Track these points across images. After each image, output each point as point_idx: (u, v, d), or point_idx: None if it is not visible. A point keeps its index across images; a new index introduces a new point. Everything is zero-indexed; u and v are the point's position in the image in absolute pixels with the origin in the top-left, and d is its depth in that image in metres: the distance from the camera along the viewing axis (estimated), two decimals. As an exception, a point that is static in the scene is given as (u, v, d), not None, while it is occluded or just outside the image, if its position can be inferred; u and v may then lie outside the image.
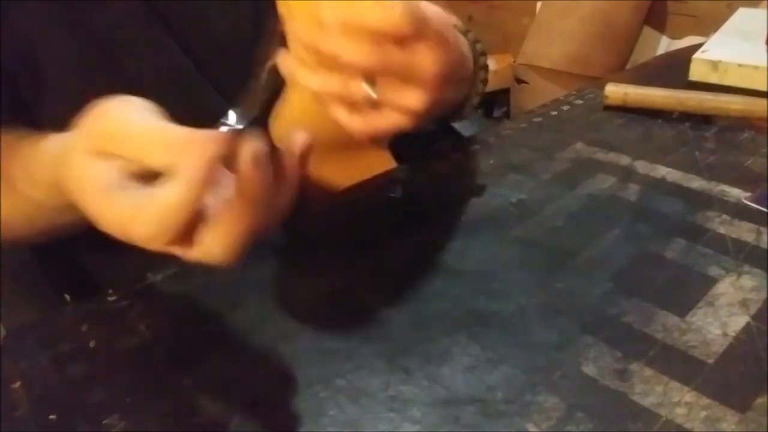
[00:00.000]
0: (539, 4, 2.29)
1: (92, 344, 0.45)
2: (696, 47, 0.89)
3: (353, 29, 0.36)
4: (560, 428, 0.37)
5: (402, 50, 0.38)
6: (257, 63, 0.52)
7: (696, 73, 0.85)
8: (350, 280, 0.51)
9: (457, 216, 0.59)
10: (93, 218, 0.36)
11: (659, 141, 0.71)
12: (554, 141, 0.71)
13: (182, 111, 0.60)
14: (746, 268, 0.50)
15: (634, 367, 0.41)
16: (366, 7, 0.36)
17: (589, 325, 0.45)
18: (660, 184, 0.62)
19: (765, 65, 0.81)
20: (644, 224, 0.56)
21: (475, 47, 0.56)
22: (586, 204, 0.59)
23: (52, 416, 0.40)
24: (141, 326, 0.47)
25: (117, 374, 0.43)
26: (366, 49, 0.36)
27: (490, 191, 0.62)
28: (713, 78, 0.84)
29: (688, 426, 0.37)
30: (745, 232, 0.54)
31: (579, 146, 0.70)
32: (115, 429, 0.39)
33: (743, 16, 1.00)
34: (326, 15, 0.36)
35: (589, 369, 0.41)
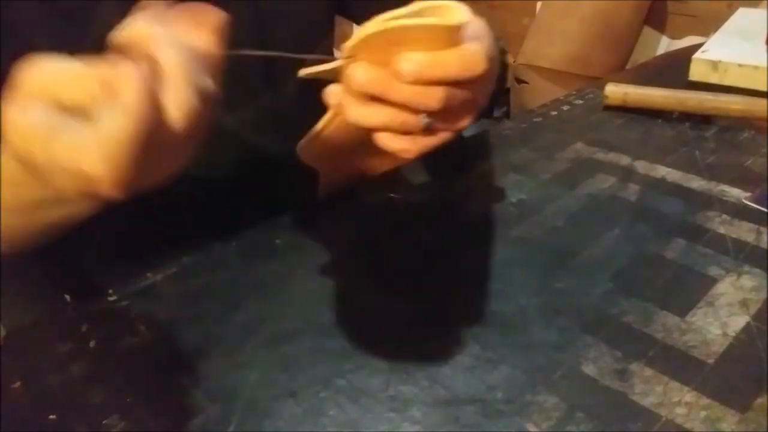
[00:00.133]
0: (539, 4, 2.29)
1: (92, 344, 0.45)
2: (696, 47, 0.89)
3: (430, 79, 0.35)
4: (560, 428, 0.37)
5: (465, 87, 0.37)
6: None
7: (696, 73, 0.85)
8: (350, 280, 0.51)
9: (457, 216, 0.59)
10: (43, 170, 0.33)
11: (659, 141, 0.71)
12: (554, 141, 0.71)
13: None
14: (746, 268, 0.50)
15: (634, 367, 0.41)
16: (451, 61, 0.35)
17: (589, 325, 0.45)
18: (660, 184, 0.62)
19: (765, 65, 0.81)
20: (644, 224, 0.56)
21: (500, 47, 0.55)
22: (586, 204, 0.59)
23: (52, 416, 0.40)
24: (141, 326, 0.47)
25: (117, 374, 0.43)
26: (439, 95, 0.35)
27: (490, 191, 0.62)
28: (713, 78, 0.84)
29: (688, 426, 0.37)
30: (745, 232, 0.54)
31: (579, 146, 0.70)
32: (115, 429, 0.39)
33: (743, 16, 1.00)
34: (405, 68, 0.34)
35: (589, 369, 0.41)
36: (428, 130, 0.38)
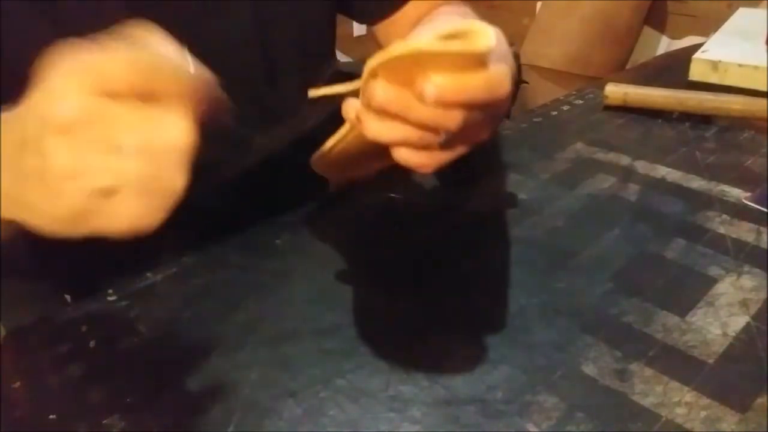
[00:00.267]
0: (539, 4, 2.29)
1: (92, 344, 0.45)
2: (696, 47, 0.89)
3: (452, 103, 0.34)
4: (560, 428, 0.37)
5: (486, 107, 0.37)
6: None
7: (696, 73, 0.85)
8: (350, 280, 0.51)
9: (457, 216, 0.59)
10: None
11: (659, 141, 0.71)
12: (554, 141, 0.71)
13: None
14: (746, 268, 0.50)
15: (634, 367, 0.41)
16: (476, 86, 0.34)
17: (589, 325, 0.45)
18: (660, 184, 0.62)
19: (765, 65, 0.81)
20: (644, 224, 0.56)
21: (514, 53, 0.55)
22: (586, 204, 0.59)
23: (52, 416, 0.40)
24: (141, 326, 0.47)
25: (117, 374, 0.43)
26: (459, 118, 0.35)
27: (491, 191, 0.62)
28: (713, 78, 0.84)
29: (688, 426, 0.37)
30: (745, 232, 0.54)
31: (579, 146, 0.70)
32: (115, 429, 0.39)
33: (743, 16, 1.00)
34: (428, 91, 0.33)
35: (589, 369, 0.41)
36: (446, 145, 0.38)
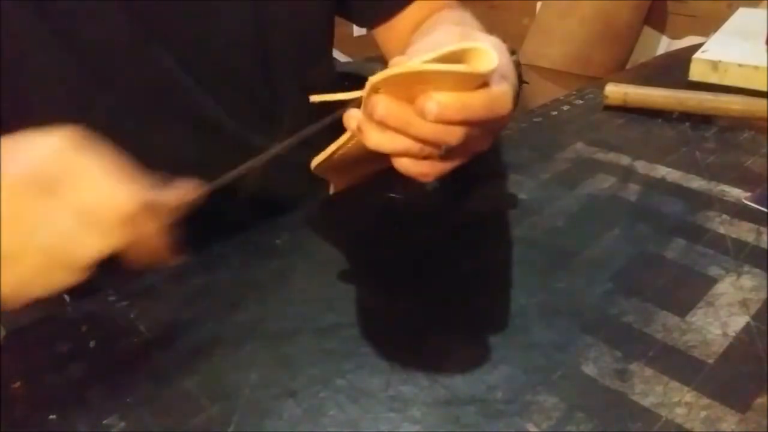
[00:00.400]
0: (539, 4, 2.29)
1: (92, 344, 0.45)
2: (696, 47, 0.89)
3: (453, 120, 0.34)
4: (560, 428, 0.37)
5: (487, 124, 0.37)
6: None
7: (696, 73, 0.85)
8: (350, 280, 0.51)
9: (457, 216, 0.59)
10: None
11: (659, 141, 0.71)
12: (554, 141, 0.71)
13: (177, 121, 0.60)
14: (746, 268, 0.50)
15: (634, 367, 0.41)
16: (478, 104, 0.34)
17: (589, 325, 0.45)
18: (660, 184, 0.62)
19: (765, 65, 0.81)
20: (644, 224, 0.56)
21: (515, 62, 0.55)
22: (586, 204, 0.59)
23: (52, 416, 0.40)
24: (141, 326, 0.47)
25: (117, 374, 0.43)
26: (459, 134, 0.35)
27: (490, 191, 0.62)
28: (713, 78, 0.84)
29: (688, 426, 0.37)
30: (745, 232, 0.54)
31: (579, 146, 0.70)
32: (115, 429, 0.39)
33: (743, 16, 1.00)
34: (430, 108, 0.33)
35: (589, 369, 0.41)
36: (446, 156, 0.38)
